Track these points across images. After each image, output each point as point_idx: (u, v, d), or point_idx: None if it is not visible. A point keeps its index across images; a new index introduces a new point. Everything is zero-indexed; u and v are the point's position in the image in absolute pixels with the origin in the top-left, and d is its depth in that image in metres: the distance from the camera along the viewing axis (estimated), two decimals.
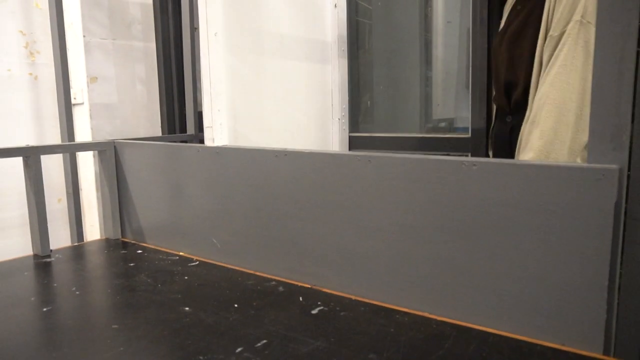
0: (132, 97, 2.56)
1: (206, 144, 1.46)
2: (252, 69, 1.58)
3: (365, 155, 1.13)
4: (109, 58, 2.46)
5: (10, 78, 2.30)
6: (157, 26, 2.61)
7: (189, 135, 2.59)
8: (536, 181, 0.90)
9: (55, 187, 2.37)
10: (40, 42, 2.39)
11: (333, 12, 1.85)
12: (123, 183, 1.78)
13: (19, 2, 2.31)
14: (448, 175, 1.01)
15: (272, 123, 1.67)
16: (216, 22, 1.41)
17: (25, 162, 1.56)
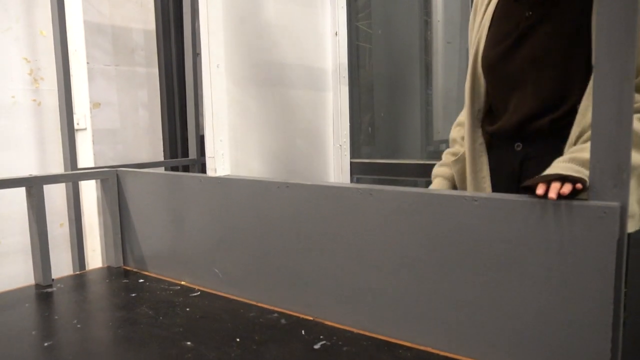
0: (134, 122, 2.58)
1: (208, 174, 1.47)
2: (253, 98, 1.59)
3: (366, 188, 1.14)
4: (112, 84, 2.48)
5: (15, 105, 2.32)
6: (160, 52, 2.64)
7: (191, 159, 2.60)
8: (538, 218, 0.90)
9: (57, 212, 2.37)
10: (44, 69, 2.41)
11: (334, 40, 1.87)
12: (125, 211, 1.78)
13: (24, 30, 2.34)
14: (449, 210, 1.02)
15: (274, 151, 1.67)
16: (218, 53, 1.43)
17: (28, 192, 1.57)
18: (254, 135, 1.60)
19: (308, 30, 1.77)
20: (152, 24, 2.63)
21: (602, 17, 0.82)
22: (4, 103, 2.29)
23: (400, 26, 2.30)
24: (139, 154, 2.60)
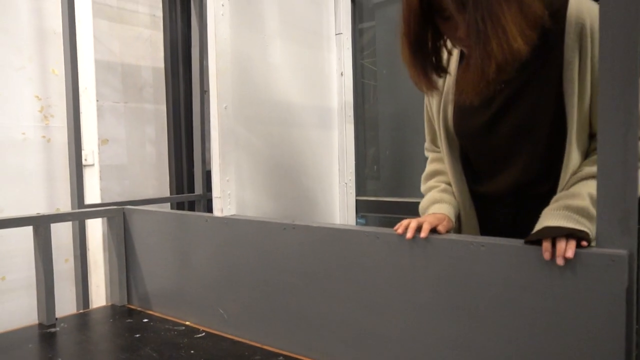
0: (141, 158, 2.61)
1: (215, 214, 1.47)
2: (260, 137, 1.61)
3: (373, 231, 1.14)
4: (121, 120, 2.52)
5: (25, 141, 2.35)
6: (168, 89, 2.68)
7: (197, 195, 2.61)
8: (546, 264, 0.90)
9: (63, 247, 2.37)
10: (54, 106, 2.45)
11: (339, 80, 1.90)
12: (131, 249, 1.78)
13: (37, 69, 2.39)
14: (457, 255, 1.01)
15: (280, 189, 1.68)
16: (226, 94, 1.45)
17: (35, 231, 1.57)
18: (260, 175, 1.61)
19: (314, 70, 1.81)
20: (161, 62, 2.68)
21: (604, 67, 0.84)
22: (15, 140, 2.32)
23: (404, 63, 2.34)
24: (146, 190, 2.62)
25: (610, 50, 0.82)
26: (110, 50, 2.47)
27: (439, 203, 1.20)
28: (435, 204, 1.21)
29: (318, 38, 1.84)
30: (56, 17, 2.44)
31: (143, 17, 2.61)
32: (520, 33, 0.86)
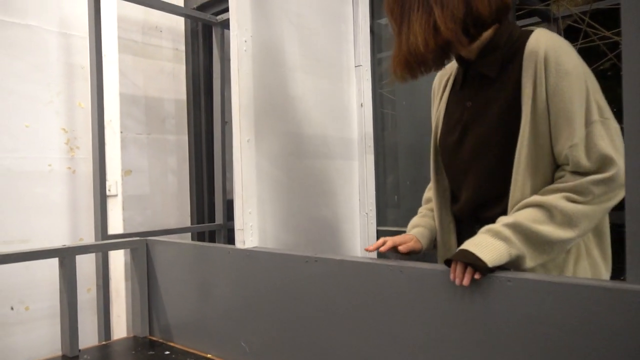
0: (163, 188, 2.64)
1: (237, 246, 1.48)
2: (281, 169, 1.62)
3: (397, 265, 1.13)
4: (143, 151, 2.56)
5: (51, 173, 2.41)
6: (190, 120, 2.73)
7: (217, 224, 2.63)
8: (574, 300, 0.88)
9: (85, 276, 2.40)
10: (80, 138, 2.52)
11: (359, 111, 1.92)
12: (153, 280, 1.79)
13: (64, 103, 2.47)
14: (482, 290, 1.00)
15: (301, 221, 1.69)
16: (248, 128, 1.48)
17: (60, 263, 1.60)
18: (281, 206, 1.62)
19: (335, 101, 1.83)
20: (183, 94, 2.75)
21: (629, 98, 0.83)
22: (42, 171, 2.38)
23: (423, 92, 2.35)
24: (167, 219, 2.65)
25: None
26: (135, 83, 2.54)
27: (415, 227, 1.33)
28: (412, 228, 1.34)
29: (338, 70, 1.87)
30: (84, 53, 2.52)
31: (166, 52, 2.68)
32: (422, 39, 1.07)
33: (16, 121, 2.30)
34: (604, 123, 1.01)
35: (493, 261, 0.97)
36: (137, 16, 2.55)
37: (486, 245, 0.99)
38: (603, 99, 1.03)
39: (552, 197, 1.01)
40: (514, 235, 1.00)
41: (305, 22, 1.74)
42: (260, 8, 1.57)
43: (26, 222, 2.33)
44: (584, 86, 1.01)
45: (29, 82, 2.35)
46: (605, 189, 0.99)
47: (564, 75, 1.01)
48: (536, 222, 1.00)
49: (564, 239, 1.00)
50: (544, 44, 1.04)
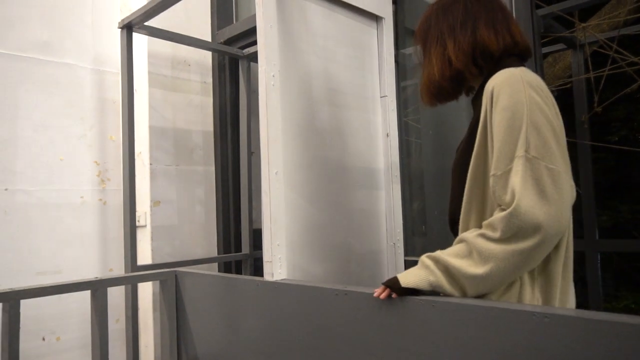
0: (190, 218, 2.68)
1: (265, 278, 1.48)
2: (309, 201, 1.63)
3: (428, 299, 1.11)
4: (172, 183, 2.61)
5: (83, 205, 2.47)
6: (217, 151, 2.78)
7: (244, 254, 2.64)
8: (621, 340, 0.85)
9: (114, 307, 2.43)
10: (111, 170, 2.58)
11: (385, 141, 1.92)
12: (182, 311, 1.80)
13: (96, 136, 2.54)
14: (517, 326, 0.97)
15: (329, 252, 1.68)
16: (277, 161, 1.49)
17: (93, 295, 1.62)
18: (310, 238, 1.62)
19: (360, 132, 1.84)
20: (210, 125, 2.80)
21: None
22: (74, 203, 2.44)
23: (448, 119, 2.35)
24: (195, 249, 2.67)
25: None
26: (164, 116, 2.61)
27: None
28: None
29: (364, 101, 1.88)
30: (115, 88, 2.61)
31: (194, 85, 2.75)
32: (438, 70, 1.22)
33: (51, 155, 2.38)
34: (528, 160, 1.01)
35: (408, 284, 1.11)
36: (166, 51, 2.64)
37: (410, 272, 1.13)
38: (540, 138, 1.02)
39: (474, 233, 1.07)
40: (434, 265, 1.10)
41: (331, 55, 1.77)
42: (287, 43, 1.60)
43: (59, 253, 2.38)
44: (519, 122, 1.03)
45: (64, 117, 2.43)
46: (506, 227, 1.00)
47: (500, 110, 1.06)
48: (456, 256, 1.07)
49: (475, 274, 1.04)
50: (494, 81, 1.10)
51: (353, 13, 1.89)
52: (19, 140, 2.29)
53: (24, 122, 2.31)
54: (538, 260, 1.04)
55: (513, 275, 1.05)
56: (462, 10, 1.21)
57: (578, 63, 2.89)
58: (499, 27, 1.18)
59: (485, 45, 1.17)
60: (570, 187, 1.04)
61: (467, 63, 1.19)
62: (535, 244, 0.99)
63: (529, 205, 0.98)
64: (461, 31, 1.19)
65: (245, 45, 2.71)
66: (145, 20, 2.22)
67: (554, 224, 0.98)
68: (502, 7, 1.22)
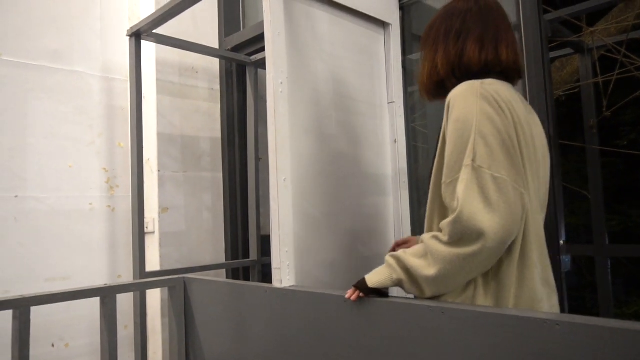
0: (198, 225, 2.68)
1: (274, 285, 1.48)
2: (317, 207, 1.63)
3: (438, 306, 1.11)
4: (180, 189, 2.62)
5: (92, 211, 2.49)
6: (224, 157, 2.79)
7: (252, 260, 2.64)
8: (632, 347, 0.84)
9: (122, 313, 2.43)
10: (119, 177, 2.60)
11: (393, 147, 1.92)
12: (190, 318, 1.80)
13: (105, 143, 2.56)
14: (528, 334, 0.97)
15: (337, 258, 1.68)
16: (285, 167, 1.50)
17: (102, 301, 1.63)
18: (318, 244, 1.62)
19: (368, 138, 1.84)
20: (218, 132, 2.81)
21: None
22: (83, 210, 2.46)
23: None
24: (202, 256, 2.68)
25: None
26: (172, 123, 2.62)
27: None
28: None
29: (371, 107, 1.89)
30: (124, 95, 2.63)
31: (202, 92, 2.77)
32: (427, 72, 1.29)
33: (60, 162, 2.40)
34: (474, 169, 1.05)
35: (374, 283, 1.18)
36: (174, 59, 2.65)
37: (376, 272, 1.19)
38: (487, 148, 1.06)
39: (430, 234, 1.12)
40: (396, 263, 1.15)
41: (338, 61, 1.78)
42: (295, 50, 1.61)
43: (68, 260, 2.39)
44: (468, 133, 1.08)
45: (73, 124, 2.45)
46: (452, 232, 1.05)
47: (453, 121, 1.11)
48: (414, 255, 1.13)
49: (428, 275, 1.09)
50: (452, 93, 1.15)
51: (360, 20, 1.89)
52: (28, 148, 2.31)
53: (33, 130, 2.33)
54: (486, 265, 1.08)
55: (462, 278, 1.10)
56: (460, 21, 1.25)
57: (586, 67, 2.87)
58: (485, 44, 1.21)
59: (467, 58, 1.21)
60: (520, 195, 1.05)
61: (448, 73, 1.24)
62: (479, 249, 1.02)
63: (472, 212, 1.02)
64: (452, 41, 1.24)
65: (253, 52, 2.72)
66: (154, 28, 2.23)
67: (499, 231, 1.01)
68: (497, 25, 1.23)
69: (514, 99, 1.15)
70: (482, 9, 1.25)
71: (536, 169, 1.16)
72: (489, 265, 1.09)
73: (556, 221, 1.73)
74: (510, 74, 1.24)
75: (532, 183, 1.12)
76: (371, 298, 1.23)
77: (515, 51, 1.23)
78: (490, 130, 1.06)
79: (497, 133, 1.06)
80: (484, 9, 1.25)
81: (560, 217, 1.77)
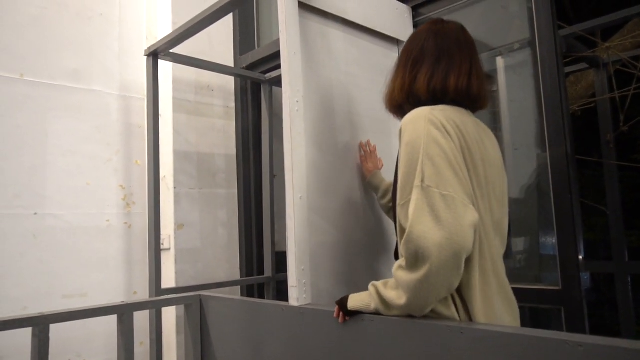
0: (213, 241, 2.69)
1: (290, 303, 1.48)
2: (334, 225, 1.63)
3: (457, 326, 1.10)
4: (195, 206, 2.64)
5: (109, 228, 2.51)
6: (239, 174, 2.81)
7: (267, 277, 2.64)
8: None
9: (138, 330, 2.42)
10: (136, 194, 2.63)
11: None
12: (206, 335, 1.80)
13: (122, 160, 2.60)
14: (550, 355, 0.95)
15: (354, 276, 1.67)
16: (301, 185, 1.50)
17: (119, 319, 1.64)
18: (334, 262, 1.61)
19: (383, 157, 1.84)
20: (233, 149, 2.84)
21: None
22: (100, 227, 2.49)
23: None
24: (217, 272, 2.68)
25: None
26: (188, 140, 2.65)
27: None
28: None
29: (385, 124, 1.89)
30: (141, 113, 2.67)
31: (217, 109, 2.80)
32: (390, 93, 1.35)
33: (78, 179, 2.43)
34: (423, 189, 1.10)
35: (353, 307, 1.26)
36: (190, 77, 2.69)
37: (358, 297, 1.28)
38: (435, 168, 1.10)
39: (396, 265, 1.16)
40: (376, 294, 1.22)
41: (353, 79, 1.79)
42: (310, 69, 1.63)
43: (85, 276, 2.42)
44: (416, 155, 1.13)
45: (91, 142, 2.49)
46: (407, 253, 1.09)
47: (404, 145, 1.17)
48: (390, 287, 1.18)
49: (400, 305, 1.14)
50: (403, 120, 1.21)
51: (374, 37, 1.91)
52: (48, 166, 2.35)
53: (53, 148, 2.37)
54: (447, 281, 1.08)
55: (432, 298, 1.11)
56: (418, 48, 1.29)
57: (601, 82, 2.86)
58: (435, 73, 1.25)
59: (417, 87, 1.27)
60: (470, 209, 1.09)
61: (404, 99, 1.30)
62: (436, 265, 1.05)
63: (422, 230, 1.06)
64: (409, 68, 1.30)
65: (267, 70, 2.75)
66: (171, 47, 2.27)
67: (450, 245, 1.04)
68: (451, 54, 1.27)
69: (466, 124, 1.18)
70: (439, 36, 1.28)
71: (487, 191, 1.20)
72: (452, 280, 1.09)
73: (574, 238, 1.71)
74: (463, 101, 1.26)
75: (482, 204, 1.17)
76: (388, 317, 1.22)
77: (468, 81, 1.25)
78: (437, 152, 1.11)
79: (443, 154, 1.11)
80: (441, 36, 1.28)
81: (578, 233, 1.75)
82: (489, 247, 1.18)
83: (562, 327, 1.62)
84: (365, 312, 1.25)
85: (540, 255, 1.88)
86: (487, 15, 2.01)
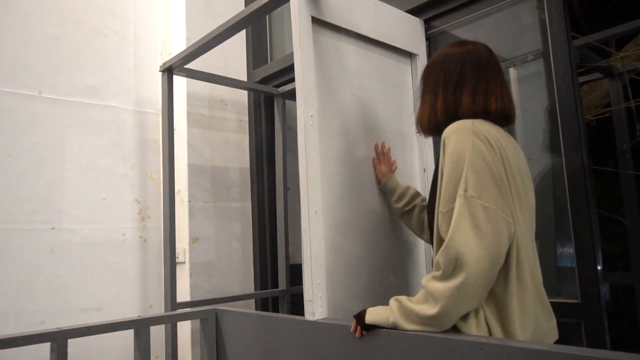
0: (228, 255, 2.70)
1: (306, 318, 1.48)
2: (349, 239, 1.63)
3: (475, 341, 1.09)
4: (210, 219, 2.65)
5: (124, 242, 2.53)
6: (253, 187, 2.82)
7: (281, 290, 2.64)
8: None
9: (153, 343, 2.41)
10: (151, 208, 2.65)
11: (422, 176, 1.92)
12: (222, 350, 1.80)
13: (137, 175, 2.62)
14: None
15: (369, 290, 1.67)
16: (316, 199, 1.50)
17: (136, 334, 1.64)
18: (349, 275, 1.61)
19: (398, 168, 1.84)
20: (247, 162, 2.85)
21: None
22: (116, 241, 2.51)
23: None
24: (232, 286, 2.68)
25: None
26: (202, 154, 2.68)
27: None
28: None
29: (400, 137, 1.89)
30: (156, 128, 2.70)
31: (231, 123, 2.82)
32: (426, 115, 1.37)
33: (94, 194, 2.46)
34: (466, 198, 1.13)
35: (370, 321, 1.26)
36: (204, 92, 2.72)
37: (376, 310, 1.28)
38: (478, 180, 1.14)
39: (427, 277, 1.18)
40: (397, 307, 1.23)
41: (366, 93, 1.80)
42: (324, 83, 1.64)
43: (101, 290, 2.43)
44: (460, 166, 1.16)
45: (107, 157, 2.53)
46: (445, 260, 1.11)
47: (447, 155, 1.20)
48: (416, 302, 1.19)
49: (430, 315, 1.14)
50: (446, 131, 1.24)
51: (387, 51, 1.92)
52: (65, 181, 2.38)
53: (70, 164, 2.40)
54: (482, 291, 1.12)
55: (464, 309, 1.14)
56: (457, 71, 1.33)
57: (616, 91, 2.83)
58: (477, 96, 1.29)
59: (462, 109, 1.29)
60: (508, 223, 1.13)
61: (445, 119, 1.31)
62: (474, 274, 1.08)
63: (463, 238, 1.10)
64: (450, 90, 1.32)
65: (280, 84, 2.78)
66: (185, 63, 2.30)
67: (488, 256, 1.08)
68: (487, 78, 1.31)
69: (502, 137, 1.23)
70: (474, 59, 1.33)
71: (525, 201, 1.23)
72: (485, 291, 1.13)
73: (593, 249, 1.68)
74: (498, 120, 1.31)
75: (520, 214, 1.19)
76: (406, 332, 1.21)
77: (503, 101, 1.30)
78: (481, 164, 1.15)
79: (487, 166, 1.15)
80: (476, 59, 1.33)
81: (597, 244, 1.73)
82: (527, 257, 1.20)
83: (582, 342, 1.59)
84: (383, 327, 1.25)
85: (558, 267, 1.85)
86: (500, 26, 2.01)
